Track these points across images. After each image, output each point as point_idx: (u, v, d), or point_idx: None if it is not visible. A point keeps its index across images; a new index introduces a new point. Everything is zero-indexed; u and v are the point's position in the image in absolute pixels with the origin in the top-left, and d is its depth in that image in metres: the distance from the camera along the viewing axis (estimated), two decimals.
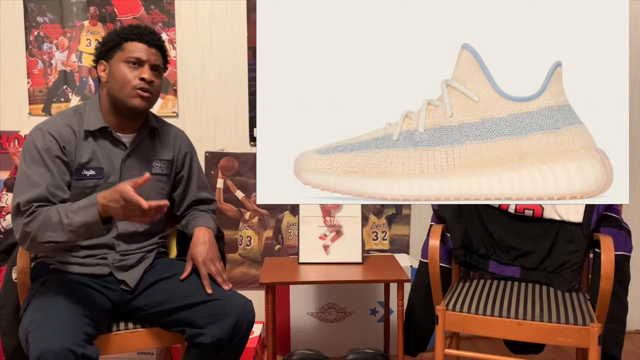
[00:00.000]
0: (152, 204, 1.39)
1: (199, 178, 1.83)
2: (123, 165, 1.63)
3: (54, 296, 1.50)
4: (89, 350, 1.38)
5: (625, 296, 1.85)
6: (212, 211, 1.84)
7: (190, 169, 1.80)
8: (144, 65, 1.60)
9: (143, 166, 1.67)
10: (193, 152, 1.83)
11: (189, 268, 1.64)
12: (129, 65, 1.59)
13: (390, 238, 2.66)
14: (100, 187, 1.59)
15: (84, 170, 1.59)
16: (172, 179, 1.77)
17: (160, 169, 1.72)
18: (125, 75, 1.58)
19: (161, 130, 1.74)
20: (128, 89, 1.58)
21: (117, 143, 1.64)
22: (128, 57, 1.59)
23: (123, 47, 1.60)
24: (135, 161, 1.66)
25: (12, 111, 2.51)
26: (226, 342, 1.53)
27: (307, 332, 2.46)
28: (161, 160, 1.72)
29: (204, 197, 1.83)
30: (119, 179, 1.62)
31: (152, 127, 1.71)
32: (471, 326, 1.74)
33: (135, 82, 1.58)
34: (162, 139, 1.74)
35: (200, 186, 1.83)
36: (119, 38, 1.61)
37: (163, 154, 1.73)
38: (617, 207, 1.92)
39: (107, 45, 1.62)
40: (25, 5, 2.46)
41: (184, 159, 1.79)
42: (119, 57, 1.60)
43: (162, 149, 1.73)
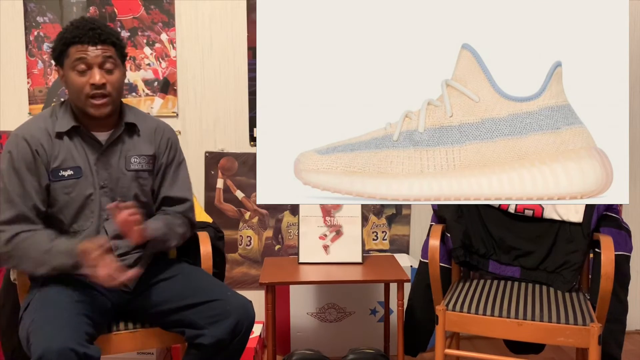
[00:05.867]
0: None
1: (175, 175, 1.73)
2: (98, 163, 1.60)
3: (54, 296, 1.50)
4: (91, 349, 1.38)
5: (625, 296, 1.85)
6: (183, 212, 1.72)
7: (167, 164, 1.71)
8: (92, 68, 1.53)
9: (119, 163, 1.63)
10: (175, 145, 1.74)
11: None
12: (77, 72, 1.53)
13: (390, 238, 2.66)
14: (78, 187, 1.58)
15: (61, 170, 1.57)
16: (154, 174, 1.70)
17: (140, 164, 1.65)
18: (76, 83, 1.53)
19: (141, 125, 1.67)
20: (82, 97, 1.53)
21: (91, 142, 1.60)
22: (74, 63, 1.52)
23: (68, 52, 1.53)
24: (112, 158, 1.62)
25: (12, 111, 2.51)
26: (226, 342, 1.53)
27: (307, 332, 2.45)
28: (140, 156, 1.66)
29: (172, 196, 1.72)
30: (96, 177, 1.59)
31: (129, 123, 1.65)
32: (471, 326, 1.74)
33: (86, 90, 1.52)
34: (142, 133, 1.67)
35: (174, 184, 1.72)
36: (62, 44, 1.53)
37: (143, 149, 1.66)
38: (617, 207, 1.92)
39: (55, 51, 1.56)
40: (25, 5, 2.45)
41: (164, 153, 1.71)
42: (67, 64, 1.54)
43: (142, 144, 1.67)
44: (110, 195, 1.61)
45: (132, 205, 1.50)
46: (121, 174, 1.63)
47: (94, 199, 1.60)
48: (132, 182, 1.64)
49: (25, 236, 1.51)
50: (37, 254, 1.49)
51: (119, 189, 1.62)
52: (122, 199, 1.60)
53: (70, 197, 1.57)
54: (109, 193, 1.61)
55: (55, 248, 1.50)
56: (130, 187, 1.64)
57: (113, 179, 1.62)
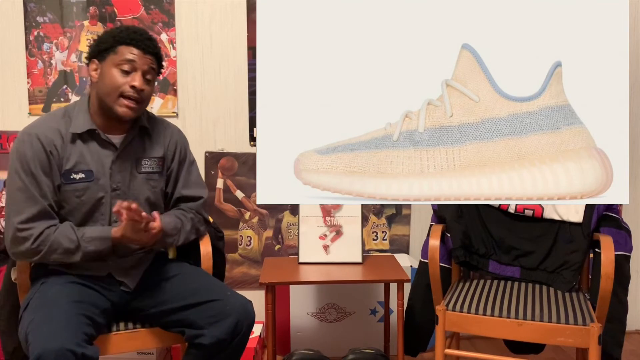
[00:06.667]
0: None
1: (188, 174, 1.77)
2: (113, 166, 1.61)
3: (53, 296, 1.50)
4: (89, 350, 1.38)
5: (625, 296, 1.85)
6: (195, 209, 1.76)
7: (179, 164, 1.75)
8: (137, 72, 1.56)
9: (132, 166, 1.65)
10: (184, 147, 1.77)
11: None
12: (121, 70, 1.55)
13: (390, 238, 2.66)
14: (90, 190, 1.59)
15: (73, 173, 1.57)
16: (164, 176, 1.73)
17: (150, 166, 1.68)
18: (116, 80, 1.55)
19: (152, 128, 1.70)
20: (116, 95, 1.55)
21: (106, 144, 1.61)
22: (121, 61, 1.55)
23: (117, 50, 1.56)
24: (124, 162, 1.64)
25: (12, 111, 2.51)
26: (226, 342, 1.53)
27: (307, 332, 2.45)
28: (150, 158, 1.69)
29: (188, 195, 1.76)
30: (109, 181, 1.61)
31: (142, 127, 1.67)
32: (471, 326, 1.74)
33: (124, 89, 1.55)
34: (153, 136, 1.70)
35: (187, 183, 1.76)
36: (114, 40, 1.56)
37: (153, 152, 1.69)
38: (617, 207, 1.92)
39: (101, 45, 1.58)
40: (25, 5, 2.45)
41: (174, 154, 1.74)
42: (112, 60, 1.56)
43: (152, 146, 1.69)
44: (122, 198, 1.62)
45: (138, 207, 1.49)
46: (133, 177, 1.65)
47: (105, 202, 1.61)
48: (143, 184, 1.67)
49: (53, 229, 1.53)
50: (68, 244, 1.52)
51: (131, 192, 1.65)
52: (133, 201, 1.61)
53: (80, 200, 1.58)
54: (121, 196, 1.62)
55: (87, 235, 1.54)
56: (141, 189, 1.66)
57: (125, 182, 1.63)
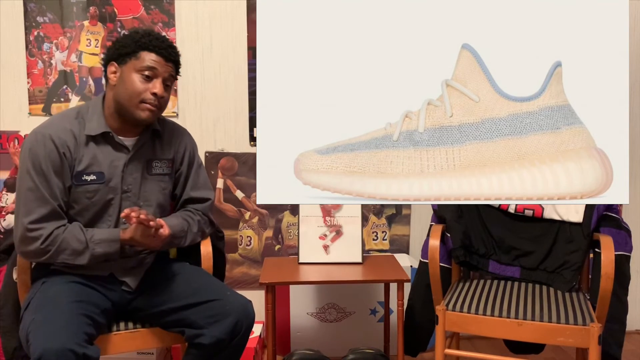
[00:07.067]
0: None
1: (196, 176, 1.78)
2: (125, 169, 1.62)
3: (54, 296, 1.50)
4: (90, 350, 1.38)
5: (625, 296, 1.85)
6: (202, 211, 1.77)
7: (188, 166, 1.76)
8: (157, 79, 1.56)
9: (143, 168, 1.66)
10: (192, 149, 1.79)
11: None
12: (142, 76, 1.55)
13: (390, 238, 2.66)
14: (101, 192, 1.59)
15: (84, 175, 1.58)
16: (173, 177, 1.75)
17: (160, 168, 1.70)
18: (136, 85, 1.55)
19: (163, 131, 1.72)
20: (136, 100, 1.55)
21: (119, 147, 1.62)
22: (142, 67, 1.55)
23: (139, 55, 1.55)
24: (136, 164, 1.65)
25: (12, 111, 2.51)
26: (226, 342, 1.53)
27: (307, 332, 2.45)
28: (161, 160, 1.70)
29: (196, 196, 1.77)
30: (121, 183, 1.61)
31: (154, 130, 1.69)
32: (471, 326, 1.74)
33: (145, 95, 1.55)
34: (164, 138, 1.72)
35: (196, 185, 1.77)
36: (136, 45, 1.55)
37: (163, 154, 1.71)
38: (617, 207, 1.92)
39: (122, 49, 1.57)
40: (25, 5, 2.45)
41: (182, 157, 1.75)
42: (133, 65, 1.55)
43: (162, 148, 1.71)
44: (132, 200, 1.63)
45: (147, 215, 1.50)
46: (144, 179, 1.66)
47: (114, 204, 1.61)
48: (154, 186, 1.68)
49: (62, 230, 1.54)
50: (77, 245, 1.53)
51: (142, 194, 1.65)
52: (144, 203, 1.65)
53: (91, 201, 1.59)
54: (131, 198, 1.63)
55: (95, 237, 1.54)
56: (152, 191, 1.67)
57: (137, 184, 1.64)
